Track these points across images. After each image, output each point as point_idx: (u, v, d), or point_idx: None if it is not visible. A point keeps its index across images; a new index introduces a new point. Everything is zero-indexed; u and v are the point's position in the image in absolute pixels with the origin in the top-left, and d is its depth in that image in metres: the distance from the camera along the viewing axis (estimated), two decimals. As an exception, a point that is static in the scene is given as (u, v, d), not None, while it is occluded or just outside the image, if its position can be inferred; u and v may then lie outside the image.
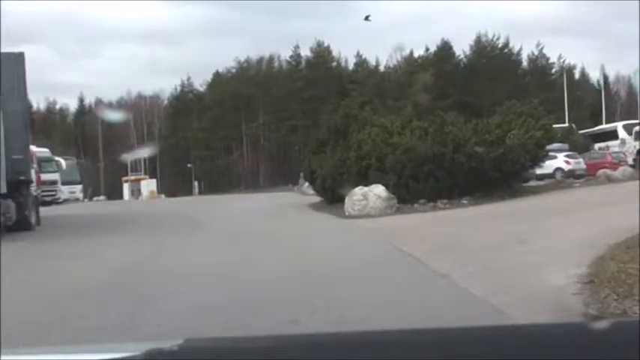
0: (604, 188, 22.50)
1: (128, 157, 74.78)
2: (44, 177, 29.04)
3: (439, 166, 20.99)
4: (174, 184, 78.98)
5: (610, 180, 24.30)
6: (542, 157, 23.04)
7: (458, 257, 9.61)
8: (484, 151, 20.84)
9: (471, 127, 22.07)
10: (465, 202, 20.78)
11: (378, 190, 20.00)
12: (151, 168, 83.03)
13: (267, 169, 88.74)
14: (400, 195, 20.65)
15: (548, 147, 23.34)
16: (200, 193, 72.38)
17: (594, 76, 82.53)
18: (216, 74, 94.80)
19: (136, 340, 4.56)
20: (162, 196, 65.48)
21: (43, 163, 31.21)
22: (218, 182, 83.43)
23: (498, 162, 21.00)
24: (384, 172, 21.56)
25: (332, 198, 23.70)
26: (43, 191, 27.00)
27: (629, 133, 37.82)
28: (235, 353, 1.51)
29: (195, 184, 77.13)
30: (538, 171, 24.37)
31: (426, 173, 21.07)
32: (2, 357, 1.55)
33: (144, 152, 77.72)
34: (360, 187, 20.42)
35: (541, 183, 23.50)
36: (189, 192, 70.66)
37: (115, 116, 79.84)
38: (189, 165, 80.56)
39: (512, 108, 23.34)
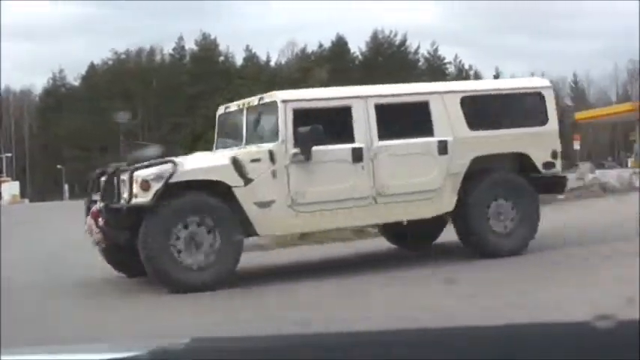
0: (604, 203, 15.56)
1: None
2: None
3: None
4: (45, 188, 75.45)
5: (605, 190, 17.42)
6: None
7: None
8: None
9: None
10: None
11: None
12: (19, 169, 79.68)
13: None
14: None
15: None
16: (72, 197, 65.16)
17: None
18: (91, 66, 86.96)
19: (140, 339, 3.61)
20: (26, 200, 63.62)
21: None
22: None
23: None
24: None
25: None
26: None
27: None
28: (240, 353, 1.51)
29: (66, 187, 71.82)
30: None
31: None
32: (2, 357, 1.51)
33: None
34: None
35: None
36: (60, 196, 67.25)
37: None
38: (58, 166, 75.25)
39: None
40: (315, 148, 8.46)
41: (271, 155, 8.50)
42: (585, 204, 15.40)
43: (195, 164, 8.76)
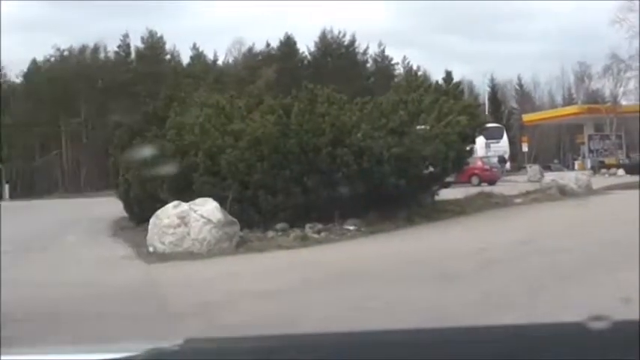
0: (565, 207, 14.95)
1: None
2: None
3: (310, 168, 12.82)
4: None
5: (564, 193, 16.85)
6: (468, 154, 15.29)
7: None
8: (382, 143, 12.81)
9: (358, 109, 13.95)
10: (351, 227, 12.69)
11: (208, 208, 11.47)
12: (-42, 167, 75.64)
13: (90, 170, 78.74)
14: (245, 216, 12.33)
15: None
16: (13, 197, 62.81)
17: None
18: (33, 62, 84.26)
19: (137, 339, 3.44)
20: (-37, 201, 58.82)
21: None
22: (34, 185, 73.83)
23: (404, 162, 13.01)
24: (218, 177, 13.16)
25: (140, 215, 15.26)
26: None
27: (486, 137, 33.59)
28: (235, 353, 1.50)
29: (7, 186, 68.18)
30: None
31: (288, 179, 12.86)
32: (2, 357, 1.52)
33: None
34: (176, 202, 11.85)
35: (460, 197, 15.68)
36: (-1, 195, 63.65)
37: None
38: (-3, 164, 71.70)
39: (415, 82, 15.42)
40: None
41: None
42: (542, 209, 14.79)
43: None
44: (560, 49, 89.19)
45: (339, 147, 12.84)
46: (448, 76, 56.54)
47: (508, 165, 43.28)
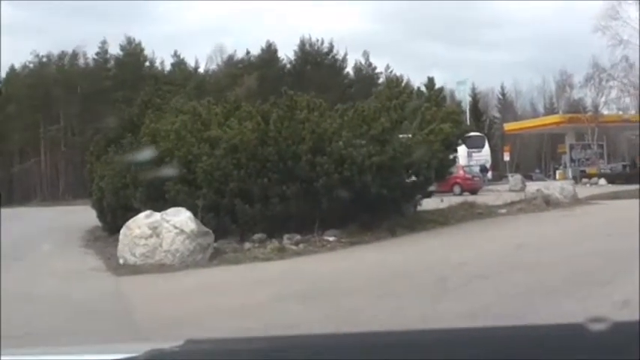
0: (551, 218, 14.51)
1: None
2: None
3: (289, 177, 12.39)
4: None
5: (549, 204, 16.44)
6: (451, 162, 14.89)
7: None
8: (364, 151, 12.38)
9: (338, 115, 13.53)
10: (331, 238, 12.25)
11: (181, 218, 11.00)
12: None
13: (68, 178, 77.83)
14: (221, 226, 11.89)
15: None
16: None
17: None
18: (12, 69, 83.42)
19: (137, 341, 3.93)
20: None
21: None
22: (13, 193, 72.17)
23: (386, 170, 12.58)
24: (193, 186, 12.70)
25: (113, 224, 14.83)
26: None
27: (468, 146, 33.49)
28: (235, 354, 1.49)
29: None
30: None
31: (266, 188, 12.41)
32: (2, 357, 1.50)
33: None
34: (148, 212, 11.37)
35: (443, 205, 15.18)
36: (-23, 203, 62.03)
37: None
38: (-25, 172, 71.16)
39: (397, 88, 15.00)
40: None
41: None
42: (527, 220, 14.36)
43: None
44: (542, 58, 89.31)
45: (319, 155, 12.40)
46: (430, 82, 56.32)
47: (490, 174, 42.99)
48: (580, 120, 49.88)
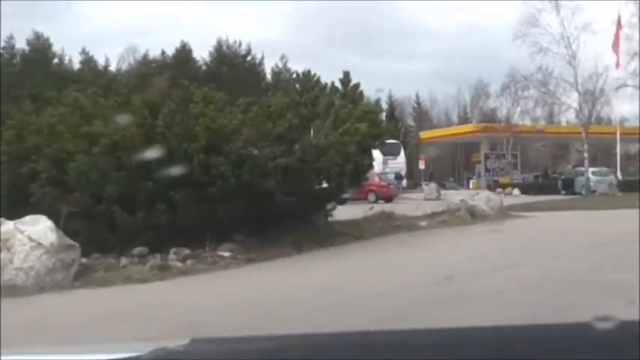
0: (477, 233, 12.98)
1: None
2: None
3: (178, 180, 10.50)
4: None
5: (474, 216, 14.97)
6: (368, 167, 13.23)
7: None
8: (268, 152, 10.61)
9: (240, 111, 11.71)
10: (225, 254, 10.42)
11: (39, 228, 8.99)
12: None
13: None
14: (96, 238, 9.94)
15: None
16: None
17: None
18: None
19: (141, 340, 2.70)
20: None
21: None
22: None
23: (293, 175, 10.84)
24: (64, 188, 10.69)
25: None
26: None
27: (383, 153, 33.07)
28: (240, 353, 1.48)
29: None
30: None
31: (151, 193, 10.51)
32: (2, 357, 1.50)
33: None
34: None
35: (357, 217, 13.49)
36: None
37: None
38: None
39: (308, 82, 13.30)
40: None
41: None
42: (451, 234, 12.83)
43: None
44: (458, 68, 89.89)
45: (215, 155, 10.57)
46: (346, 77, 55.05)
47: (405, 182, 42.04)
48: (495, 129, 49.75)
